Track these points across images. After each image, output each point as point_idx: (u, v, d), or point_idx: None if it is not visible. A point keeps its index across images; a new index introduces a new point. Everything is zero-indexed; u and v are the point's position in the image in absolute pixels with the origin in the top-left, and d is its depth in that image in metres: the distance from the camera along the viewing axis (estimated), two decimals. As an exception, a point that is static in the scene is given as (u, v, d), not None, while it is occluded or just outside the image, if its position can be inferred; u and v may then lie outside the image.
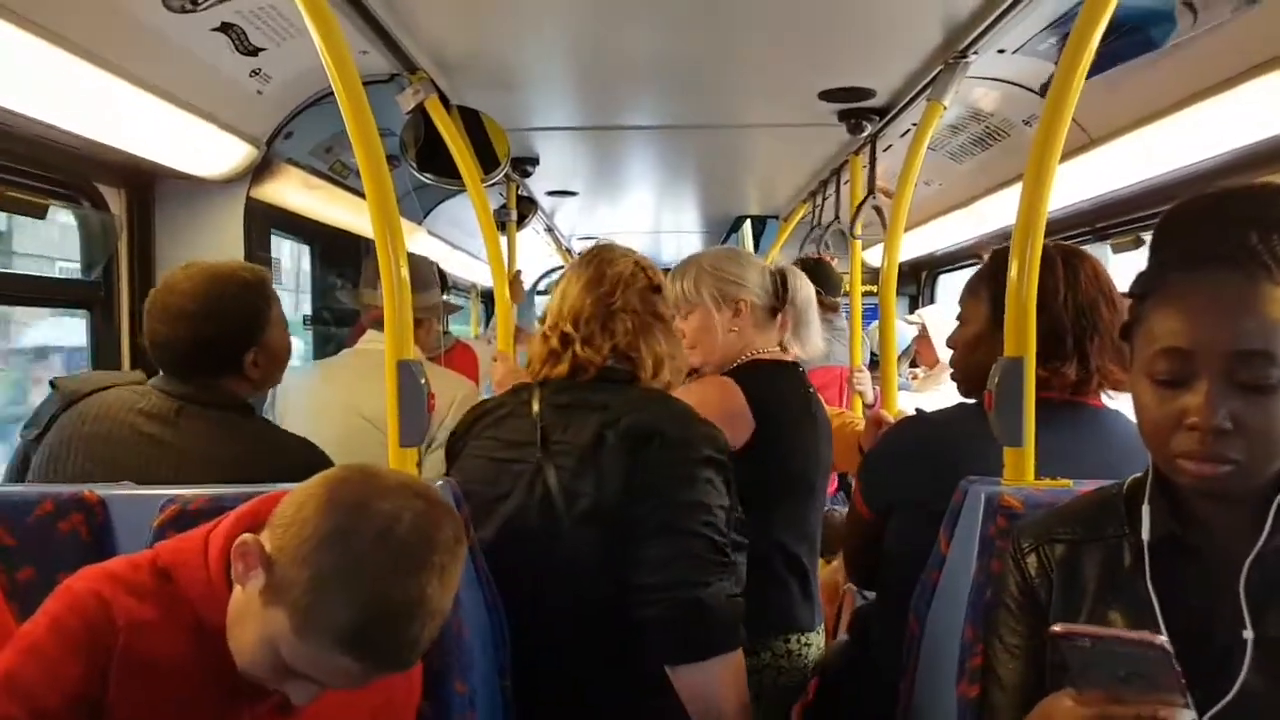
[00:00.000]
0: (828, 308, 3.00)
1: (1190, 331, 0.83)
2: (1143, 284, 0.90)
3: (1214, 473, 0.82)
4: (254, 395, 1.58)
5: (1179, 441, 0.84)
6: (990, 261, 1.46)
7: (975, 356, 1.42)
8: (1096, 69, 1.21)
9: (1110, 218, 2.44)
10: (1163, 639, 0.73)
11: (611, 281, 1.43)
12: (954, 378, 1.51)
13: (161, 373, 1.50)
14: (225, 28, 1.80)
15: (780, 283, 1.86)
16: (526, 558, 1.34)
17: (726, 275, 1.82)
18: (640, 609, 1.26)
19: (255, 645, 0.88)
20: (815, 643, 1.75)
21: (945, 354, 3.01)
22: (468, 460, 1.45)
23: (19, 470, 1.51)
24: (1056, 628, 0.77)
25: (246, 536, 0.89)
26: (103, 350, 2.19)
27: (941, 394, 2.82)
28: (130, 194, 2.23)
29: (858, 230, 2.67)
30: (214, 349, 1.46)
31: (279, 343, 1.55)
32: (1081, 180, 2.24)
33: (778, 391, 1.76)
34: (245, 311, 1.49)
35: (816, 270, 2.97)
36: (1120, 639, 0.77)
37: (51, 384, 1.52)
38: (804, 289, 1.91)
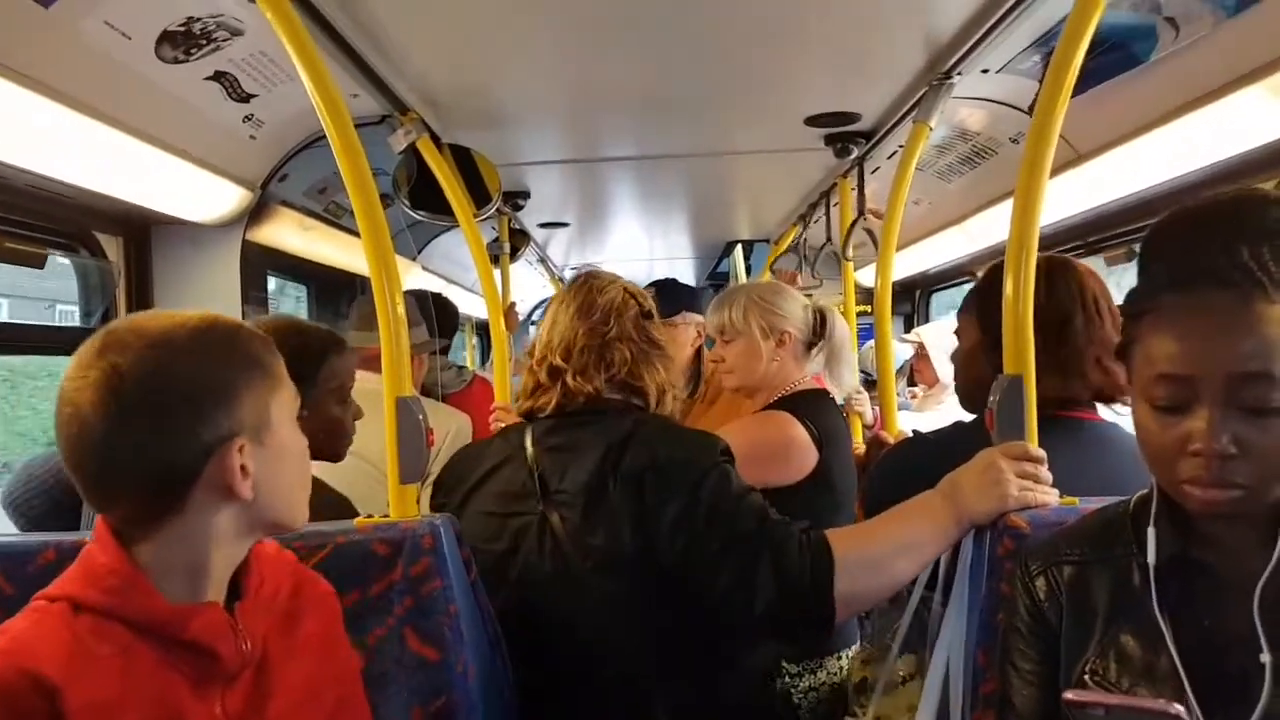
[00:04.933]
0: None
1: (1187, 356, 0.81)
2: (1134, 304, 0.88)
3: (1221, 498, 0.81)
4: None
5: (1184, 467, 0.82)
6: (983, 278, 1.47)
7: (971, 374, 1.42)
8: (1081, 87, 1.21)
9: (1102, 231, 2.46)
10: (1178, 709, 0.69)
11: (604, 310, 1.39)
12: (958, 394, 1.51)
13: None
14: (218, 76, 1.82)
15: (819, 320, 1.96)
16: (545, 610, 1.30)
17: (773, 308, 1.93)
18: (737, 613, 1.22)
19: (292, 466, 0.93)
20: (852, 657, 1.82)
21: (944, 372, 3.04)
22: (468, 519, 1.36)
23: None
24: (1069, 694, 0.74)
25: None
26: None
27: (941, 413, 2.82)
28: (128, 241, 2.24)
29: (849, 252, 2.69)
30: None
31: (325, 410, 1.52)
32: (1072, 195, 2.26)
33: (834, 419, 1.85)
34: (308, 351, 1.48)
35: None
36: (1134, 708, 0.73)
37: None
38: (840, 327, 2.01)
